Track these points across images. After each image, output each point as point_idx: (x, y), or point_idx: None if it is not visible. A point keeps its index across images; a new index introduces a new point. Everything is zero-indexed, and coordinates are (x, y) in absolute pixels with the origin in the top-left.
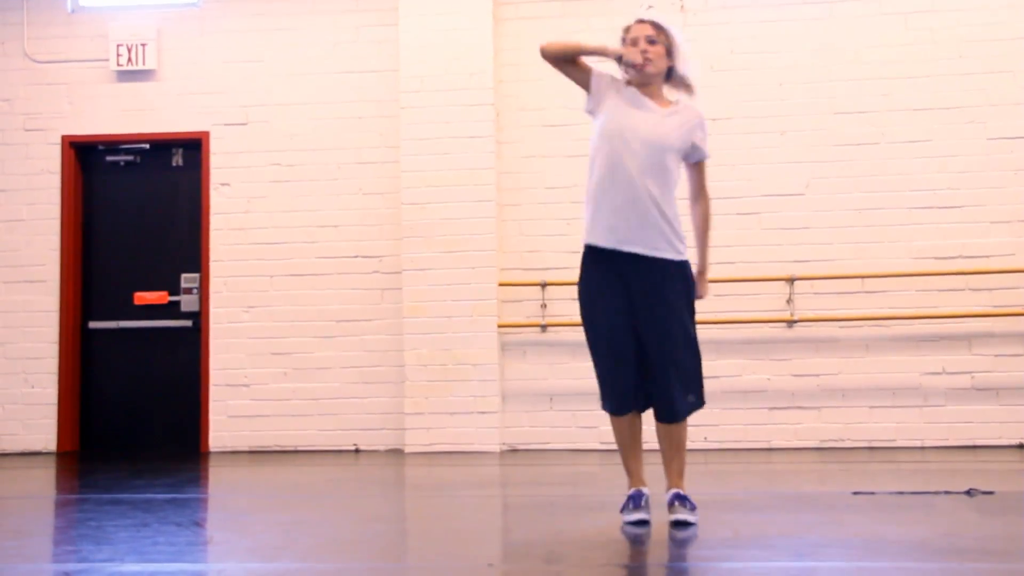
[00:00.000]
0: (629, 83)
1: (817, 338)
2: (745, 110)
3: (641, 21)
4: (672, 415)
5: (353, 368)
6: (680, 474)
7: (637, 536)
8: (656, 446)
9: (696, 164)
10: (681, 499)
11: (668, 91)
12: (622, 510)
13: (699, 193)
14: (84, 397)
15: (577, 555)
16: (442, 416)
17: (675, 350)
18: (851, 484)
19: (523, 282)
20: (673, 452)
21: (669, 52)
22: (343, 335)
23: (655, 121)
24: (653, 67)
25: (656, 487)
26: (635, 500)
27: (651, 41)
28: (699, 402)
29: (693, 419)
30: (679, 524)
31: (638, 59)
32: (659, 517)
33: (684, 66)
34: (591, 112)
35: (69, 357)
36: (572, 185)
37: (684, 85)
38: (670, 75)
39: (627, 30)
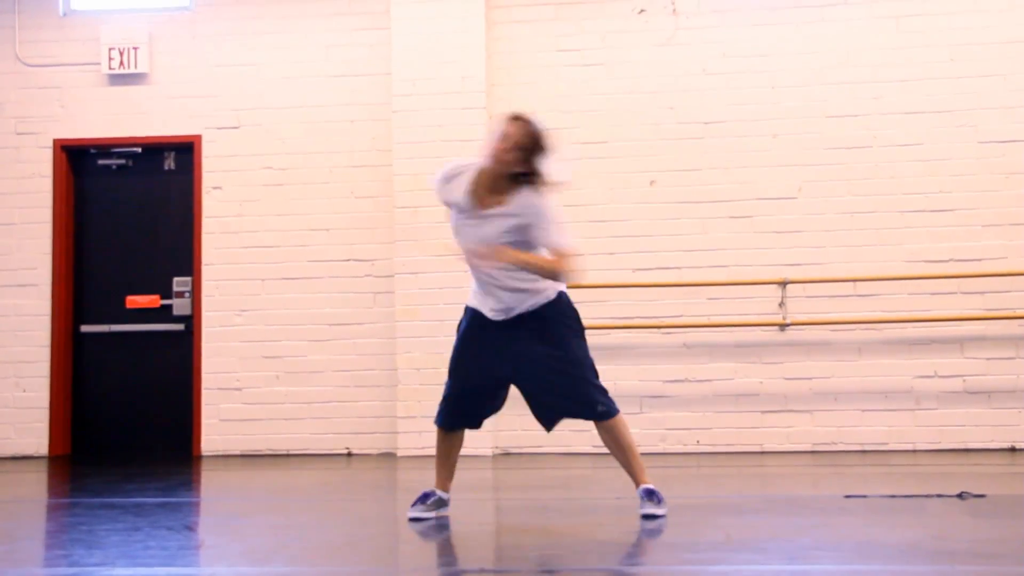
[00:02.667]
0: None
1: (809, 341)
2: (737, 113)
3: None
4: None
5: (345, 372)
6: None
7: (630, 540)
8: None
9: None
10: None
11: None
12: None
13: None
14: (76, 401)
15: (570, 559)
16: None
17: None
18: (843, 487)
19: None
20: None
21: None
22: (335, 339)
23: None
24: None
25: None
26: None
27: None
28: None
29: (688, 421)
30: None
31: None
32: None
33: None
34: None
35: (61, 361)
36: (563, 189)
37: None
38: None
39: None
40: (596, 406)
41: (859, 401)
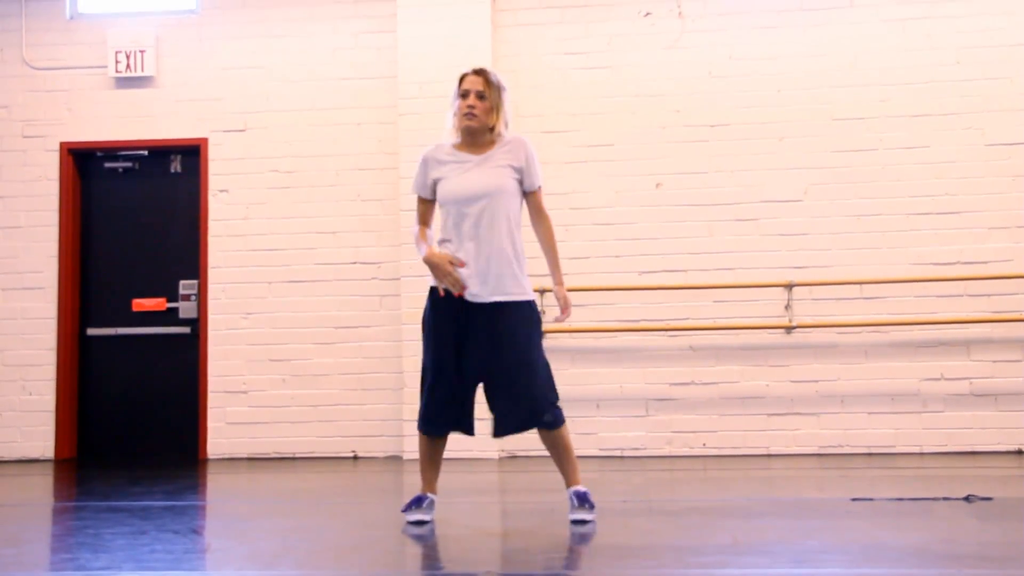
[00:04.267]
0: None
1: (816, 344)
2: (743, 116)
3: (476, 73)
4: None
5: (351, 375)
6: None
7: (636, 542)
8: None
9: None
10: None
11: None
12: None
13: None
14: (82, 404)
15: (577, 562)
16: None
17: None
18: (850, 490)
19: None
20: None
21: (496, 109)
22: (341, 342)
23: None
24: (477, 122)
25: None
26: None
27: (480, 96)
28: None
29: (695, 424)
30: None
31: (454, 289)
32: (675, 520)
33: (505, 124)
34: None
35: (67, 364)
36: (570, 191)
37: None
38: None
39: (461, 81)
40: (544, 415)
41: (865, 404)
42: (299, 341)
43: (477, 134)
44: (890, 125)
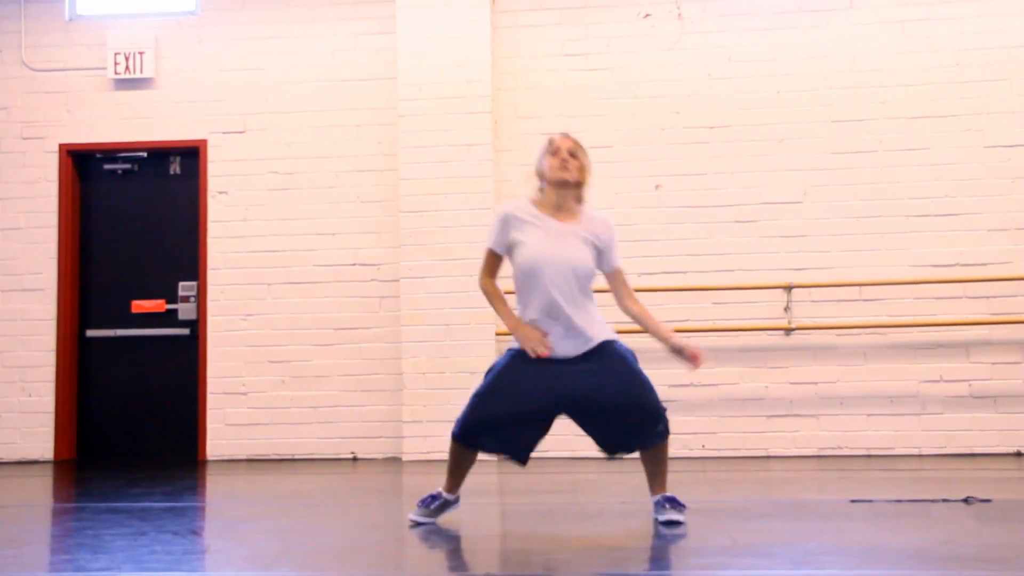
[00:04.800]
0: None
1: (815, 346)
2: (743, 118)
3: (565, 136)
4: None
5: (351, 376)
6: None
7: (636, 544)
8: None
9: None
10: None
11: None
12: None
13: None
14: (81, 405)
15: (576, 564)
16: (440, 424)
17: None
18: (849, 492)
19: None
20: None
21: (586, 169)
22: (341, 343)
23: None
24: (571, 175)
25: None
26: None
27: (573, 154)
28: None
29: (694, 426)
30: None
31: (541, 351)
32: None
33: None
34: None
35: (66, 365)
36: None
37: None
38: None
39: (550, 142)
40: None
41: (865, 405)
42: (298, 342)
43: (566, 190)
44: (889, 127)
